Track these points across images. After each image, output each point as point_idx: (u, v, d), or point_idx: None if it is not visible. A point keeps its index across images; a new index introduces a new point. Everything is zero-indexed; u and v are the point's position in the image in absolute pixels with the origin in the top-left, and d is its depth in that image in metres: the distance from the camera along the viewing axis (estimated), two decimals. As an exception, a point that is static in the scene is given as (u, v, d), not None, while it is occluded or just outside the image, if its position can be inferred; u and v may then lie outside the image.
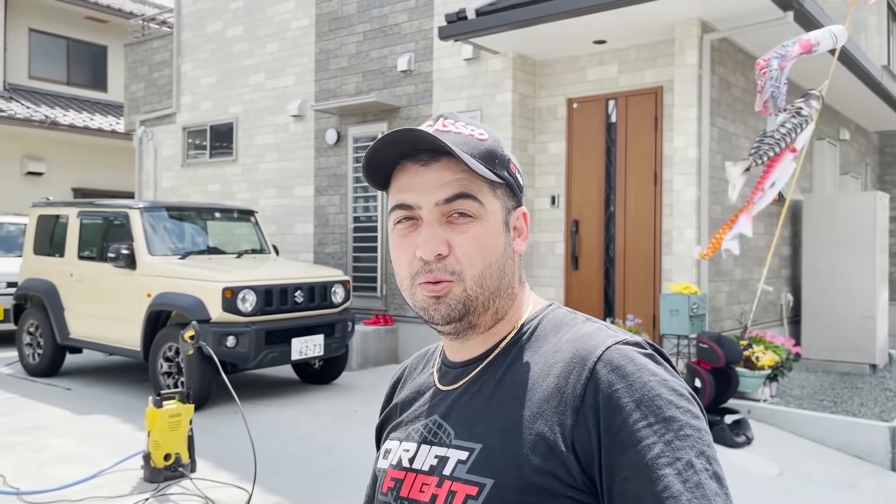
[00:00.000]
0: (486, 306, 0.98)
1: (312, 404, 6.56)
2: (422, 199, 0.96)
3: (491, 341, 1.01)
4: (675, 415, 0.86)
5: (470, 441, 0.94)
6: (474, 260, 0.95)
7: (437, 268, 0.95)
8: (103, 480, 4.49)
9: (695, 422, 0.87)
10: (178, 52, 11.58)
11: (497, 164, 0.99)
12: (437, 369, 1.09)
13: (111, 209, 7.32)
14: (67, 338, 7.45)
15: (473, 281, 0.95)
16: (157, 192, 11.95)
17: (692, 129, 6.67)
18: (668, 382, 0.89)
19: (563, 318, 1.01)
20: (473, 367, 1.02)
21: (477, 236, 0.96)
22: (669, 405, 0.86)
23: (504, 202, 1.00)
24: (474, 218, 0.96)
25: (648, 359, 0.91)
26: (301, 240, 9.83)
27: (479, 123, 1.03)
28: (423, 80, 8.59)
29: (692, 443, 0.84)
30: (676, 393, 0.88)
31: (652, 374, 0.89)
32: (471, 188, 0.95)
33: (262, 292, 6.34)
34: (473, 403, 0.98)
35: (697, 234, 6.69)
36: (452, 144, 0.94)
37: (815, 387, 7.07)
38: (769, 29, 6.66)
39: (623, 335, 0.94)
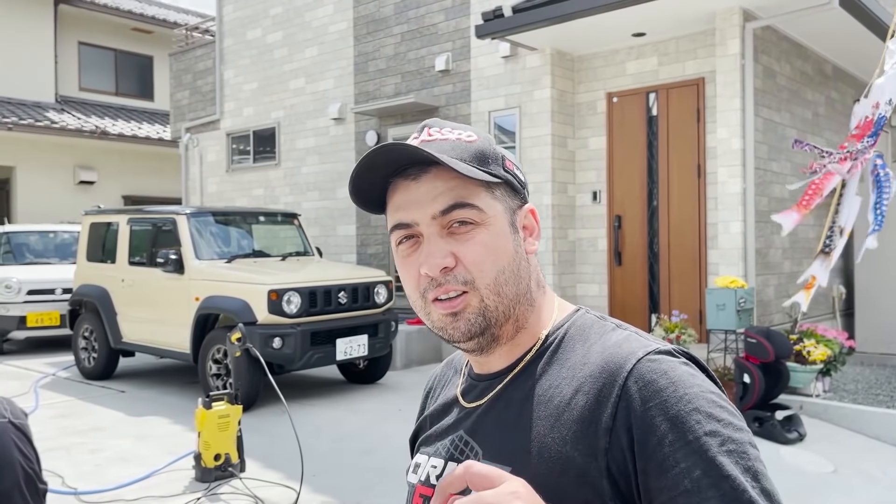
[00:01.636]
0: (506, 315, 0.93)
1: (357, 404, 6.62)
2: (417, 214, 0.91)
3: (516, 353, 0.97)
4: (715, 429, 0.80)
5: (499, 462, 0.89)
6: (485, 267, 0.90)
7: (446, 280, 0.90)
8: (157, 480, 4.61)
9: (737, 435, 0.81)
10: (220, 59, 11.80)
11: (490, 163, 0.94)
12: (462, 382, 1.05)
13: (159, 216, 7.50)
14: (120, 342, 7.65)
15: (489, 289, 0.90)
16: (203, 198, 12.20)
17: (736, 120, 6.55)
18: (705, 395, 0.83)
19: (592, 326, 0.95)
20: (498, 381, 0.97)
21: (483, 242, 0.91)
22: (709, 419, 0.81)
23: (506, 202, 0.95)
24: (476, 224, 0.91)
25: (685, 366, 0.86)
26: (344, 241, 9.93)
27: (466, 126, 0.98)
28: (461, 79, 8.60)
29: (736, 459, 0.79)
30: (716, 405, 0.82)
31: (687, 387, 0.83)
32: (466, 195, 0.91)
33: (306, 294, 6.43)
34: (501, 421, 0.93)
35: (743, 227, 6.56)
36: (438, 152, 0.89)
37: (869, 381, 6.87)
38: (815, 15, 6.49)
39: (654, 344, 0.89)
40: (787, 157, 7.42)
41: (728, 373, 5.99)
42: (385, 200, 0.96)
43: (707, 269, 7.01)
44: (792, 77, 7.48)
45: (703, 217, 7.05)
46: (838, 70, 8.54)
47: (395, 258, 0.97)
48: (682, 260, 7.22)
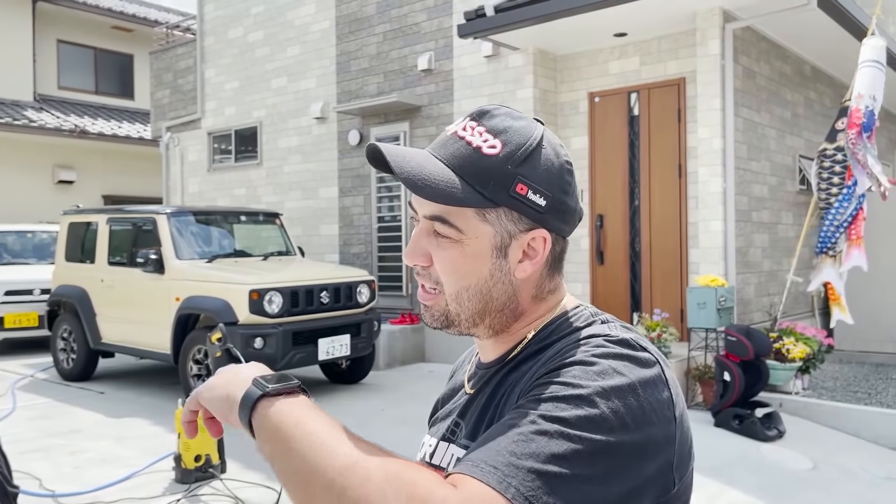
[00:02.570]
0: (471, 321, 0.97)
1: (340, 404, 6.59)
2: (418, 207, 0.96)
3: (507, 346, 1.01)
4: (588, 386, 0.79)
5: (469, 440, 0.97)
6: (449, 280, 0.95)
7: (423, 273, 0.97)
8: (136, 482, 4.56)
9: (607, 411, 0.77)
10: (201, 58, 11.72)
11: (492, 184, 0.90)
12: (470, 368, 1.11)
13: (139, 215, 7.44)
14: (99, 342, 7.57)
15: (451, 298, 0.95)
16: (184, 198, 12.11)
17: (716, 119, 6.59)
18: (628, 371, 0.82)
19: (578, 321, 0.96)
20: (490, 370, 1.02)
21: (451, 259, 0.93)
22: (596, 378, 0.80)
23: (500, 226, 0.92)
24: (454, 240, 0.92)
25: (632, 351, 0.85)
26: (326, 241, 9.90)
27: (509, 129, 0.92)
28: (443, 78, 8.60)
29: (581, 413, 0.76)
30: (622, 384, 0.80)
31: (616, 357, 0.83)
32: (448, 212, 0.91)
33: (288, 293, 6.39)
34: (480, 405, 1.00)
35: (724, 226, 6.61)
36: (451, 157, 0.91)
37: (848, 378, 6.95)
38: (794, 16, 6.56)
39: (620, 333, 0.88)
40: (767, 157, 7.49)
41: (709, 371, 6.04)
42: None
43: (688, 268, 7.05)
44: (771, 77, 7.55)
45: (684, 216, 7.09)
46: (817, 71, 8.63)
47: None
48: (663, 259, 7.26)
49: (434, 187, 0.88)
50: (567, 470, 0.73)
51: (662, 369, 0.86)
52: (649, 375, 0.83)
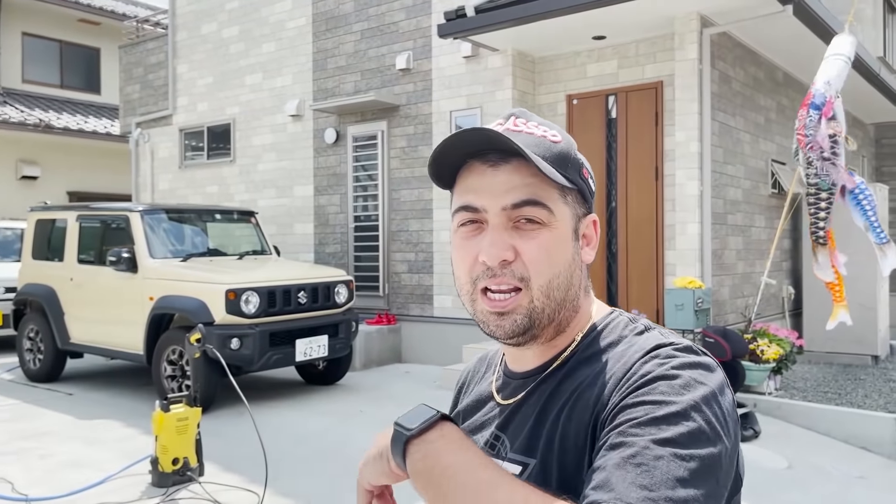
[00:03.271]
0: (550, 318, 0.93)
1: (318, 405, 6.54)
2: (489, 202, 0.91)
3: (550, 353, 0.98)
4: (680, 402, 0.79)
5: (524, 455, 0.93)
6: (541, 268, 0.91)
7: (502, 273, 0.91)
8: (112, 486, 4.46)
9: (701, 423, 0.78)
10: (173, 53, 11.53)
11: (570, 168, 0.95)
12: (496, 378, 1.07)
13: (111, 213, 7.28)
14: (68, 342, 7.40)
15: (540, 291, 0.91)
16: (154, 195, 11.90)
17: (693, 123, 6.67)
18: (705, 379, 0.82)
19: (623, 329, 0.96)
20: (532, 379, 0.98)
21: (545, 244, 0.91)
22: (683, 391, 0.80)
23: (574, 209, 0.95)
24: (543, 225, 0.91)
25: (698, 358, 0.85)
26: (301, 240, 9.80)
27: (553, 124, 0.98)
28: (422, 78, 8.57)
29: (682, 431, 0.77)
30: (705, 394, 0.81)
31: (690, 367, 0.83)
32: (540, 194, 0.91)
33: (265, 293, 6.32)
34: (528, 417, 0.96)
35: (700, 228, 6.69)
36: (524, 146, 0.89)
37: (818, 379, 7.08)
38: (769, 23, 6.66)
39: (676, 340, 0.90)
40: (741, 161, 7.60)
41: (686, 372, 6.08)
42: (454, 179, 0.97)
43: (664, 270, 7.12)
44: (745, 83, 7.66)
45: (661, 218, 7.16)
46: (789, 77, 8.78)
47: (452, 238, 0.97)
48: (639, 260, 7.33)
49: (545, 165, 0.90)
50: (693, 490, 0.75)
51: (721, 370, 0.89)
52: (720, 380, 0.85)
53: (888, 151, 12.79)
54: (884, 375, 7.28)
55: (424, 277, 8.55)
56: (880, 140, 12.84)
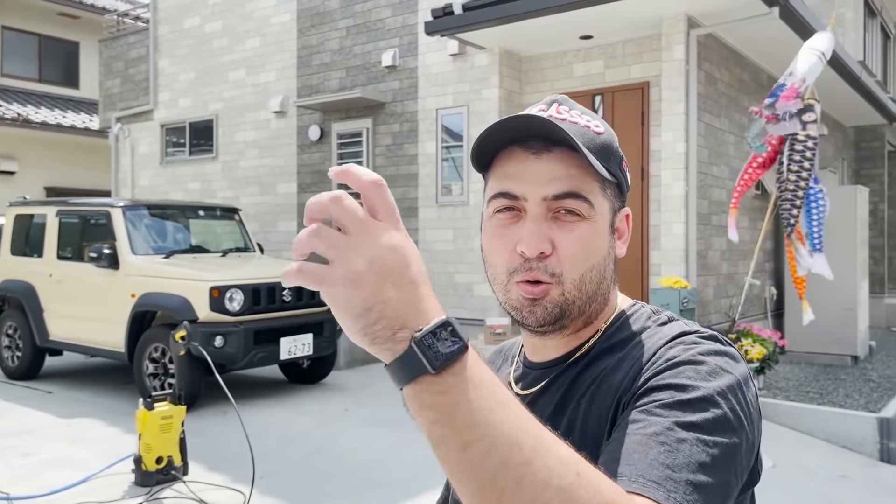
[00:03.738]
0: (581, 311, 0.93)
1: (302, 404, 6.48)
2: (529, 190, 0.89)
3: (574, 343, 0.97)
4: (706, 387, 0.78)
5: None
6: (577, 262, 0.90)
7: (537, 266, 0.89)
8: (94, 485, 4.39)
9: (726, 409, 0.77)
10: (154, 47, 11.39)
11: (612, 160, 0.93)
12: (514, 369, 1.05)
13: (92, 208, 7.18)
14: (47, 340, 7.28)
15: (573, 284, 0.90)
16: (134, 191, 11.76)
17: (680, 124, 6.70)
18: (729, 367, 0.82)
19: (647, 320, 0.96)
20: (554, 370, 0.97)
21: (583, 238, 0.90)
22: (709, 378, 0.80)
23: (612, 202, 0.94)
24: (582, 217, 0.90)
25: (723, 346, 0.85)
26: (284, 238, 9.73)
27: (595, 114, 0.96)
28: (408, 75, 8.53)
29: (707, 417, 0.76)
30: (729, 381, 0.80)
31: (716, 354, 0.83)
32: (582, 187, 0.89)
33: (249, 291, 6.25)
34: (547, 406, 0.94)
35: (685, 229, 6.72)
36: (571, 133, 0.87)
37: (799, 379, 7.14)
38: (755, 25, 6.71)
39: (701, 329, 0.90)
40: (726, 162, 7.65)
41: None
42: (490, 163, 0.94)
43: (649, 270, 7.15)
44: (731, 84, 7.71)
45: (646, 218, 7.19)
46: (773, 79, 8.83)
47: (485, 225, 0.94)
48: (625, 260, 7.33)
49: (591, 157, 0.88)
50: (713, 477, 0.74)
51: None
52: (744, 370, 0.85)
53: (867, 154, 12.95)
54: (864, 375, 7.36)
55: (409, 276, 8.50)
56: (860, 143, 13.00)
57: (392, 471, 4.60)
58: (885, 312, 11.73)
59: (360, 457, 4.93)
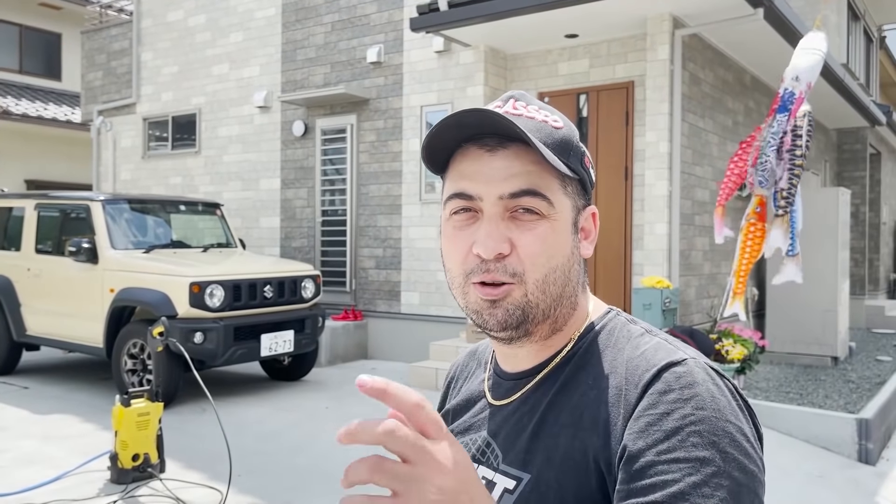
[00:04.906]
0: (545, 314, 0.88)
1: (282, 401, 6.44)
2: (484, 189, 0.85)
3: (545, 354, 0.92)
4: (712, 457, 0.73)
5: (518, 469, 0.87)
6: (538, 262, 0.85)
7: (495, 268, 0.84)
8: (69, 482, 4.33)
9: (735, 473, 0.73)
10: (137, 40, 11.27)
11: (571, 156, 0.88)
12: (488, 377, 1.01)
13: (71, 202, 7.09)
14: (24, 334, 7.19)
15: (535, 286, 0.85)
16: (116, 185, 11.63)
17: (664, 123, 6.71)
18: (717, 419, 0.75)
19: (622, 331, 0.91)
20: (525, 381, 0.92)
21: (543, 236, 0.85)
22: (710, 446, 0.74)
23: (574, 200, 0.89)
24: (541, 216, 0.85)
25: (714, 385, 0.78)
26: (267, 234, 9.66)
27: (553, 109, 0.92)
28: (392, 72, 8.49)
29: (725, 494, 0.71)
30: (725, 433, 0.75)
31: (700, 404, 0.76)
32: (540, 184, 0.85)
33: (230, 287, 6.19)
34: (523, 425, 0.89)
35: (668, 229, 6.73)
36: (528, 129, 0.83)
37: (779, 379, 7.18)
38: (739, 26, 6.72)
39: (683, 353, 0.82)
40: (710, 162, 7.67)
41: (652, 371, 6.12)
42: (446, 164, 0.90)
43: (632, 270, 7.16)
44: (715, 85, 7.73)
45: (630, 218, 7.20)
46: (756, 81, 8.90)
47: (443, 227, 0.90)
48: (607, 259, 7.35)
49: (548, 152, 0.84)
50: None
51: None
52: (735, 400, 0.80)
53: (849, 157, 13.06)
54: (843, 376, 7.41)
55: (392, 273, 8.48)
56: (842, 146, 13.10)
57: (371, 469, 4.57)
58: (865, 314, 11.83)
59: (339, 455, 4.89)
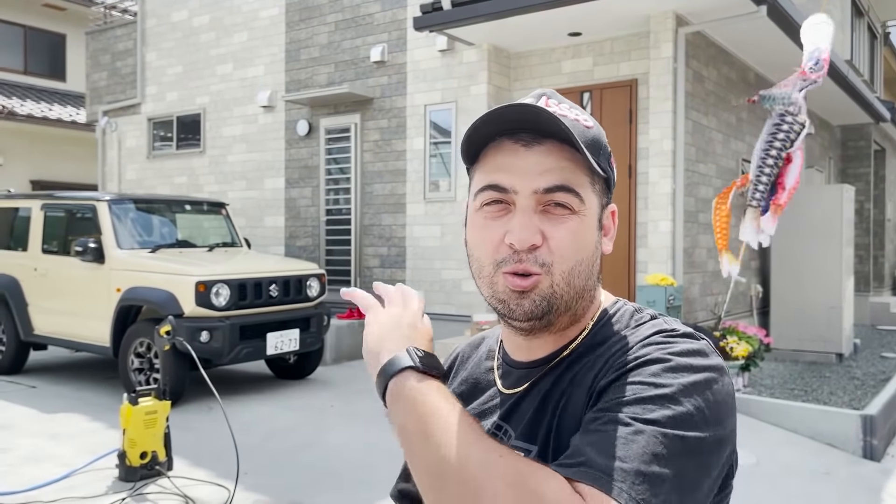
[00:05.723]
0: (568, 306, 0.91)
1: (288, 400, 6.47)
2: (519, 183, 0.88)
3: (559, 343, 0.96)
4: (672, 384, 0.79)
5: (526, 442, 0.91)
6: (567, 255, 0.89)
7: (527, 258, 0.88)
8: (77, 480, 4.36)
9: (695, 412, 0.78)
10: (142, 40, 11.31)
11: (601, 155, 0.92)
12: (497, 366, 1.04)
13: (77, 202, 7.12)
14: (31, 334, 7.23)
15: (562, 277, 0.89)
16: (121, 185, 11.68)
17: (667, 121, 6.72)
18: (697, 368, 0.81)
19: (630, 318, 0.95)
20: (538, 370, 0.96)
21: (573, 231, 0.89)
22: (653, 382, 0.79)
23: (600, 198, 0.93)
24: (572, 211, 0.89)
25: (684, 343, 0.84)
26: (271, 233, 9.69)
27: (582, 108, 0.96)
28: (396, 71, 8.51)
29: (670, 414, 0.76)
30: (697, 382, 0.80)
31: (664, 350, 0.83)
32: (573, 180, 0.89)
33: (235, 286, 6.22)
34: (532, 407, 0.94)
35: (672, 226, 6.74)
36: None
37: (784, 376, 7.18)
38: (743, 23, 6.72)
39: (680, 328, 0.89)
40: (713, 160, 7.67)
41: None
42: (476, 155, 0.94)
43: (636, 267, 7.17)
44: (718, 82, 7.74)
45: (633, 216, 7.21)
46: (760, 78, 8.89)
47: (471, 218, 0.94)
48: (612, 257, 7.36)
49: (584, 150, 0.87)
50: (667, 469, 0.74)
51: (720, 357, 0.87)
52: (717, 366, 0.84)
53: (853, 154, 13.04)
54: (848, 373, 7.41)
55: (397, 272, 8.50)
56: (846, 142, 13.08)
57: (377, 467, 4.59)
58: (870, 310, 11.82)
59: (345, 453, 4.92)
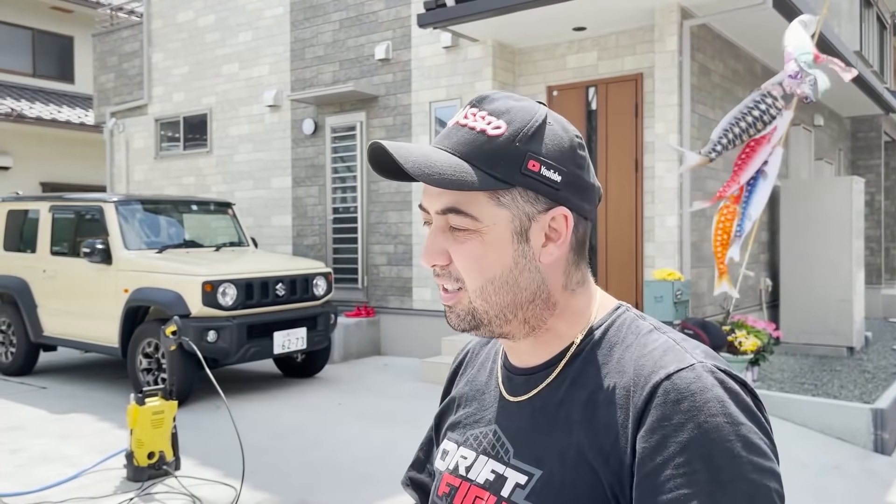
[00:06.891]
0: (502, 318, 0.90)
1: (296, 398, 6.48)
2: (428, 204, 0.91)
3: (548, 352, 0.94)
4: (727, 465, 0.75)
5: (529, 464, 0.89)
6: (471, 275, 0.89)
7: (442, 273, 0.91)
8: (85, 480, 4.38)
9: (753, 476, 0.76)
10: (148, 41, 11.34)
11: (502, 165, 0.85)
12: (500, 370, 1.02)
13: (84, 203, 7.16)
14: (41, 335, 7.27)
15: (475, 294, 0.90)
16: (129, 186, 11.73)
17: (673, 115, 6.67)
18: (731, 425, 0.77)
19: (630, 328, 0.92)
20: (536, 378, 0.94)
21: (472, 251, 0.88)
22: (725, 454, 0.76)
23: (517, 208, 0.87)
24: (470, 231, 0.87)
25: (724, 390, 0.80)
26: (279, 232, 9.71)
27: (511, 110, 0.88)
28: (401, 68, 8.50)
29: (743, 499, 0.74)
30: (739, 439, 0.77)
31: (712, 413, 0.78)
32: (460, 201, 0.87)
33: (242, 286, 6.24)
34: (535, 422, 0.91)
35: (679, 221, 6.70)
36: (450, 146, 0.86)
37: (794, 370, 7.14)
38: (748, 15, 6.67)
39: (691, 357, 0.83)
40: (720, 154, 7.61)
41: (665, 363, 6.10)
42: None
43: (643, 262, 7.14)
44: (724, 75, 7.68)
45: (640, 210, 7.17)
46: (767, 70, 8.81)
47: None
48: (619, 253, 7.34)
49: (443, 174, 0.83)
50: None
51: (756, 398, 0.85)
52: (749, 411, 0.81)
53: (863, 145, 12.93)
54: (859, 366, 7.35)
55: (404, 270, 8.50)
56: (856, 133, 12.98)
57: (385, 465, 4.59)
58: (882, 303, 11.74)
59: (352, 451, 4.93)
